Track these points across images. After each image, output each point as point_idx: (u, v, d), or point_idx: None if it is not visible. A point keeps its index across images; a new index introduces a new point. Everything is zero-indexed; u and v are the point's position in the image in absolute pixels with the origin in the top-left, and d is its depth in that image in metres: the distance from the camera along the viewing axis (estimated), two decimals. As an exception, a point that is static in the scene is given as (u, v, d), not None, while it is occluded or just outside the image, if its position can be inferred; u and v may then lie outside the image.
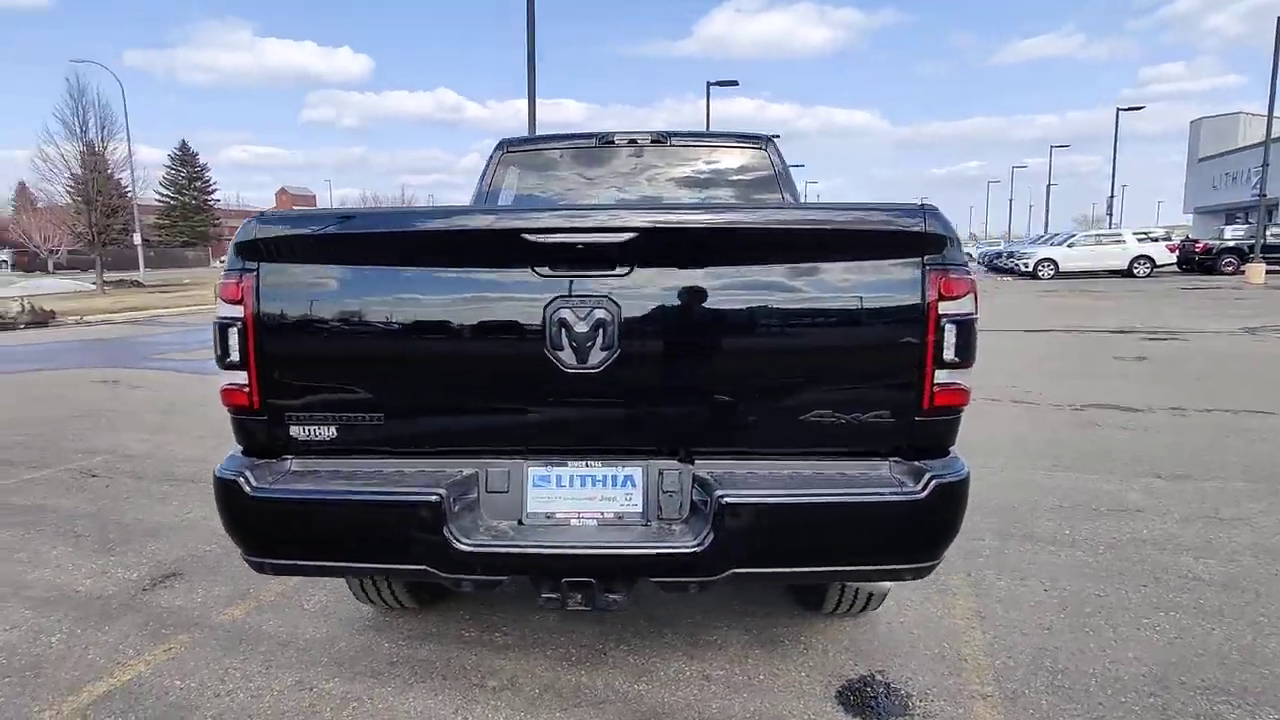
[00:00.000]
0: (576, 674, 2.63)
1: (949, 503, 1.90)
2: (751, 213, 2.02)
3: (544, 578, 1.92)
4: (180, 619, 3.07)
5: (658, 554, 1.89)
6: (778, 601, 3.09)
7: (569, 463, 2.02)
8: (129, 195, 33.11)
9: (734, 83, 29.75)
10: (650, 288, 1.91)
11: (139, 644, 2.89)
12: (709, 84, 29.89)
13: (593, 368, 1.91)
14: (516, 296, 1.94)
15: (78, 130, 28.57)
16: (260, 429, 2.08)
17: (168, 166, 64.45)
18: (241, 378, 2.03)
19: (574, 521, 2.00)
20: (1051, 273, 26.87)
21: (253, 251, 2.00)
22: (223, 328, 2.02)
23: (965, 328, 1.87)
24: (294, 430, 2.07)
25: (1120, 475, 4.70)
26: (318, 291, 2.01)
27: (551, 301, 1.90)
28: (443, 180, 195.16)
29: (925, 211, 1.87)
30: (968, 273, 1.93)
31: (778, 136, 4.05)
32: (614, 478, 2.01)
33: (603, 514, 2.00)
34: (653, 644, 2.81)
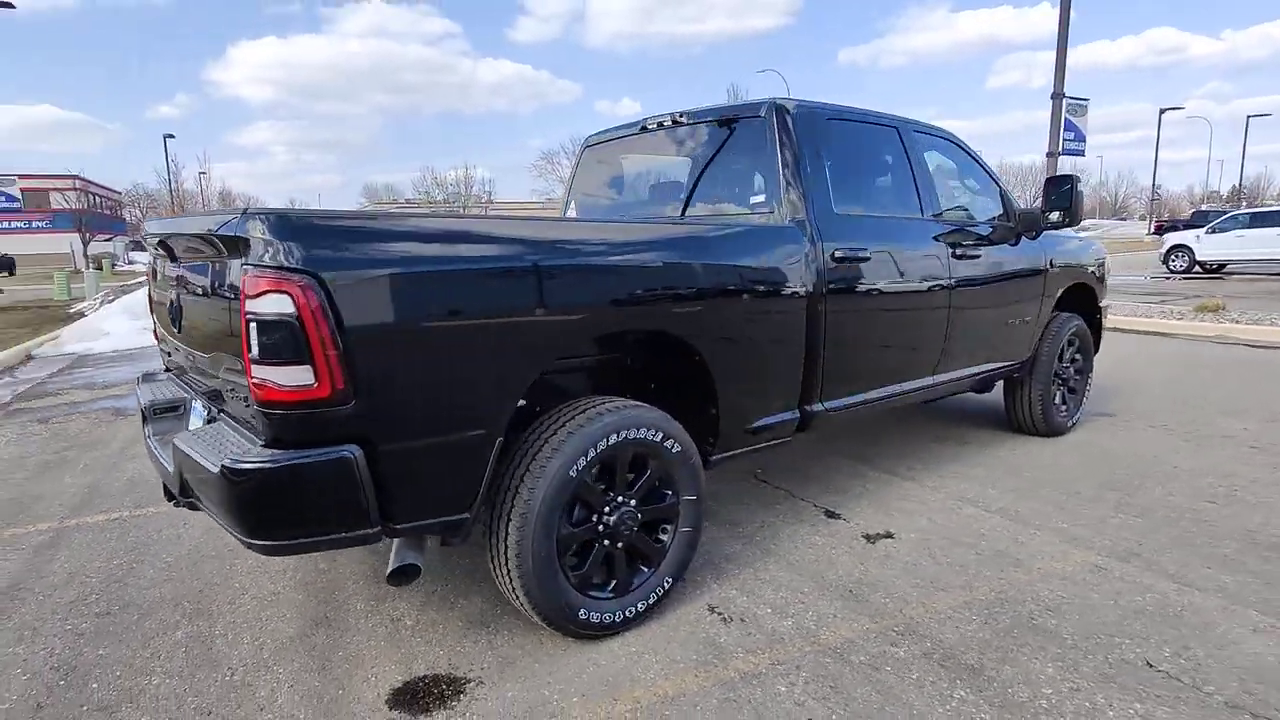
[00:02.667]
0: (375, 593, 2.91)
1: (236, 489, 1.96)
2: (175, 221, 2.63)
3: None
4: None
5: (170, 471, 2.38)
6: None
7: (196, 400, 2.70)
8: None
9: None
10: (183, 276, 2.55)
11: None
12: None
13: (181, 332, 2.65)
14: (171, 279, 2.70)
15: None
16: (160, 354, 3.33)
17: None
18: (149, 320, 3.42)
19: None
20: None
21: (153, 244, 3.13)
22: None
23: (266, 327, 1.93)
24: (162, 357, 3.27)
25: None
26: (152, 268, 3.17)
27: (171, 283, 2.68)
28: (1145, 137, 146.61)
29: (243, 216, 2.00)
30: (292, 275, 1.91)
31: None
32: (200, 414, 2.61)
33: None
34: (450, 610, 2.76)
